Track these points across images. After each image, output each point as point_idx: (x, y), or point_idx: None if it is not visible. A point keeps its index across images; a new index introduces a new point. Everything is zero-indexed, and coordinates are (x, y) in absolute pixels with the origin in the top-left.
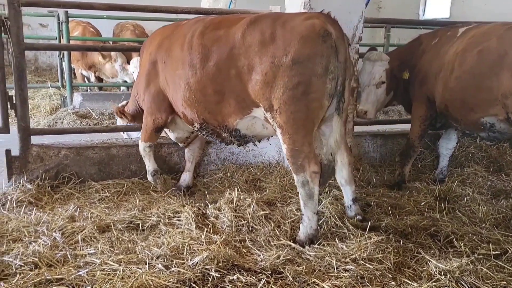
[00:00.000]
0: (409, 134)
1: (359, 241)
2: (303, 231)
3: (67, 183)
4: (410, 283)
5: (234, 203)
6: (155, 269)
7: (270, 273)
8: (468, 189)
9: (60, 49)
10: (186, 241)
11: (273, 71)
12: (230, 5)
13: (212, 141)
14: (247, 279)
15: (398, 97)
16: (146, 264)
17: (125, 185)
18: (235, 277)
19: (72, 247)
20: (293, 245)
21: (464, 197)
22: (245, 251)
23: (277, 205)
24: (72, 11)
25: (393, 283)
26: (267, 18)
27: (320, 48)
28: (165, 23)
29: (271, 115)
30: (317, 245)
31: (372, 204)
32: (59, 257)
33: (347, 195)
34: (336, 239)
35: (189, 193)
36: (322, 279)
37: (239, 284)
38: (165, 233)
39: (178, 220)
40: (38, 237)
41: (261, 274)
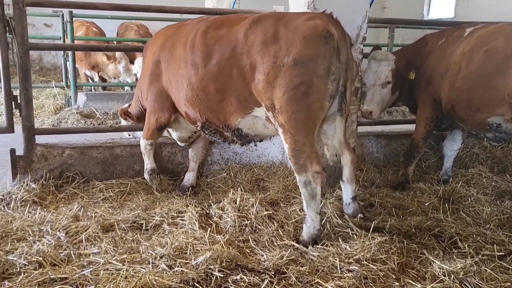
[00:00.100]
0: (414, 134)
1: (363, 242)
2: (306, 231)
3: (71, 182)
4: (414, 284)
5: (237, 203)
6: (159, 268)
7: (273, 273)
8: (472, 190)
9: (64, 49)
10: (189, 241)
11: (275, 71)
12: (234, 5)
13: (215, 140)
14: (250, 279)
15: (403, 97)
16: (149, 263)
17: (129, 184)
18: (238, 277)
19: (76, 247)
20: (297, 245)
21: (468, 198)
22: (249, 251)
23: (281, 205)
24: (76, 11)
25: (397, 283)
26: (270, 18)
27: (322, 49)
28: (169, 23)
29: (272, 114)
30: (320, 245)
31: (375, 204)
32: (63, 256)
33: (347, 193)
34: (339, 239)
35: (192, 192)
36: (325, 279)
37: (243, 284)
38: (169, 232)
39: (181, 220)
40: (42, 236)
41: (264, 274)
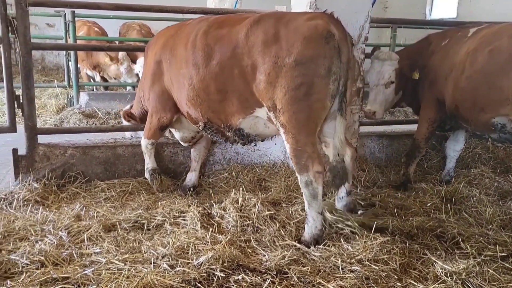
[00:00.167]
0: (415, 134)
1: (365, 242)
2: (308, 231)
3: (73, 182)
4: (416, 284)
5: (239, 203)
6: (160, 268)
7: (275, 273)
8: (474, 190)
9: (66, 49)
10: (191, 241)
11: (276, 71)
12: (236, 5)
13: (217, 140)
14: (252, 279)
15: (406, 97)
16: (151, 263)
17: (131, 184)
18: (240, 277)
19: (78, 246)
20: (298, 245)
21: (470, 198)
22: (250, 251)
23: (282, 205)
24: (79, 11)
25: (399, 284)
26: (270, 18)
27: (323, 49)
28: (171, 23)
29: (274, 114)
30: (322, 245)
31: (376, 205)
32: (65, 256)
33: (343, 187)
34: (341, 239)
35: (194, 192)
36: (327, 279)
37: (244, 284)
38: (171, 232)
39: (183, 219)
40: (44, 236)
41: (266, 274)
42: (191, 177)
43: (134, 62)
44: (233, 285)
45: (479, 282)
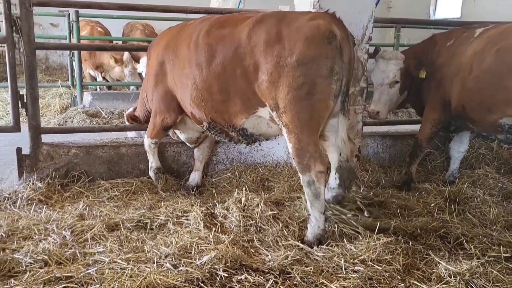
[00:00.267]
0: (418, 134)
1: (368, 242)
2: (311, 231)
3: (77, 181)
4: (419, 285)
5: (242, 203)
6: (163, 268)
7: (278, 273)
8: (478, 191)
9: (70, 49)
10: (194, 241)
11: (278, 71)
12: (239, 4)
13: (221, 140)
14: (255, 279)
15: (411, 97)
16: (154, 263)
17: (134, 184)
18: (243, 277)
19: (81, 245)
20: (301, 245)
21: (474, 199)
22: (253, 251)
23: (285, 205)
24: (82, 10)
25: (402, 285)
26: (272, 17)
27: (325, 49)
28: (175, 22)
29: (277, 114)
30: (325, 245)
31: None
32: (69, 255)
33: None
34: (344, 239)
35: (197, 192)
36: (330, 280)
37: (247, 284)
38: (174, 232)
39: (186, 219)
40: (48, 235)
41: (269, 274)
42: (194, 177)
43: (137, 61)
44: (236, 285)
45: (483, 283)
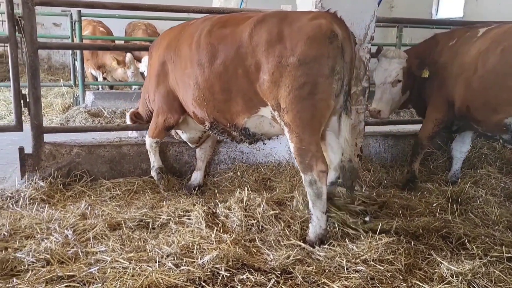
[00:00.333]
0: (419, 133)
1: (370, 242)
2: (313, 231)
3: (79, 181)
4: (421, 285)
5: (244, 203)
6: (165, 267)
7: (279, 273)
8: (481, 191)
9: (72, 48)
10: (196, 240)
11: (280, 70)
12: (241, 4)
13: (223, 139)
14: (256, 279)
15: (413, 97)
16: (156, 262)
17: (136, 183)
18: (244, 277)
19: (83, 245)
20: (303, 245)
21: (476, 199)
22: (255, 251)
23: (287, 204)
24: (85, 10)
25: (404, 284)
26: (274, 17)
27: (326, 49)
28: (177, 22)
29: (278, 114)
30: (327, 245)
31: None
32: (71, 254)
33: (329, 175)
34: (346, 239)
35: (199, 192)
36: (332, 279)
37: (249, 283)
38: (175, 231)
39: (188, 219)
40: (50, 234)
41: (270, 273)
42: (196, 176)
43: (139, 61)
44: (237, 285)
45: (485, 283)
